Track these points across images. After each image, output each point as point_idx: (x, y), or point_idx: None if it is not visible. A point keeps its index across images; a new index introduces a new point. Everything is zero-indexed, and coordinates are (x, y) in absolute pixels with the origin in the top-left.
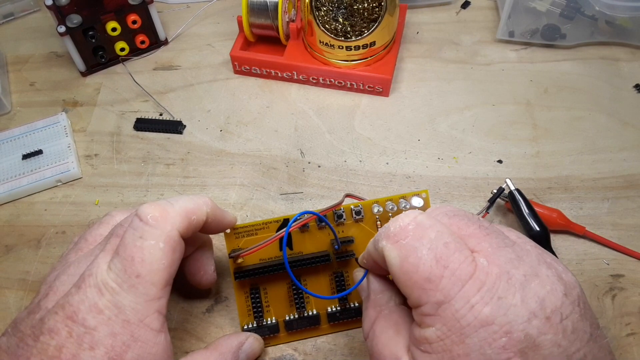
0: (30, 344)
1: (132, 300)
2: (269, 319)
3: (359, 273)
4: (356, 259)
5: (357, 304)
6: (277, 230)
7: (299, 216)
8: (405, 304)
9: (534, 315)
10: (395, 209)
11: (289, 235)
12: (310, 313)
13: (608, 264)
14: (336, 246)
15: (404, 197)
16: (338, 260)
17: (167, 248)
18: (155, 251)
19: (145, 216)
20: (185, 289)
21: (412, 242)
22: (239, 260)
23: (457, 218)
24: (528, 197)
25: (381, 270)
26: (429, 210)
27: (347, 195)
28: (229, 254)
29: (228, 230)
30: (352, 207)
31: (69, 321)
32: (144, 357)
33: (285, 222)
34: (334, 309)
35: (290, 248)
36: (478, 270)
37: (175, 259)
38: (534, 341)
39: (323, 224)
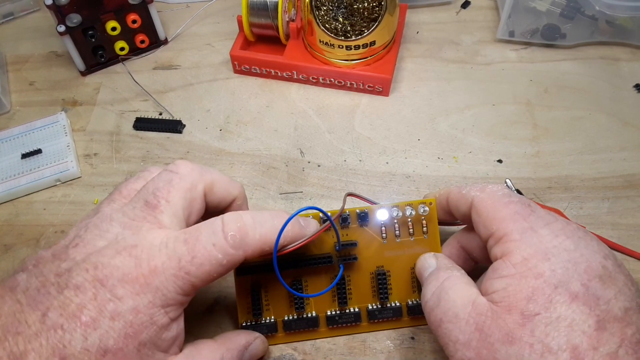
0: (52, 294)
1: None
2: (267, 317)
3: (429, 260)
4: (346, 260)
5: (356, 309)
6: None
7: (301, 210)
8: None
9: (607, 257)
10: (401, 215)
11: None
12: (309, 315)
13: None
14: (337, 247)
15: (410, 204)
16: (340, 262)
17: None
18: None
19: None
20: None
21: (504, 192)
22: None
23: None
24: (528, 197)
25: (446, 215)
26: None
27: (349, 194)
28: None
29: None
30: (357, 211)
31: (97, 283)
32: (156, 342)
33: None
34: (333, 313)
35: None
36: (560, 220)
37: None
38: (610, 274)
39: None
